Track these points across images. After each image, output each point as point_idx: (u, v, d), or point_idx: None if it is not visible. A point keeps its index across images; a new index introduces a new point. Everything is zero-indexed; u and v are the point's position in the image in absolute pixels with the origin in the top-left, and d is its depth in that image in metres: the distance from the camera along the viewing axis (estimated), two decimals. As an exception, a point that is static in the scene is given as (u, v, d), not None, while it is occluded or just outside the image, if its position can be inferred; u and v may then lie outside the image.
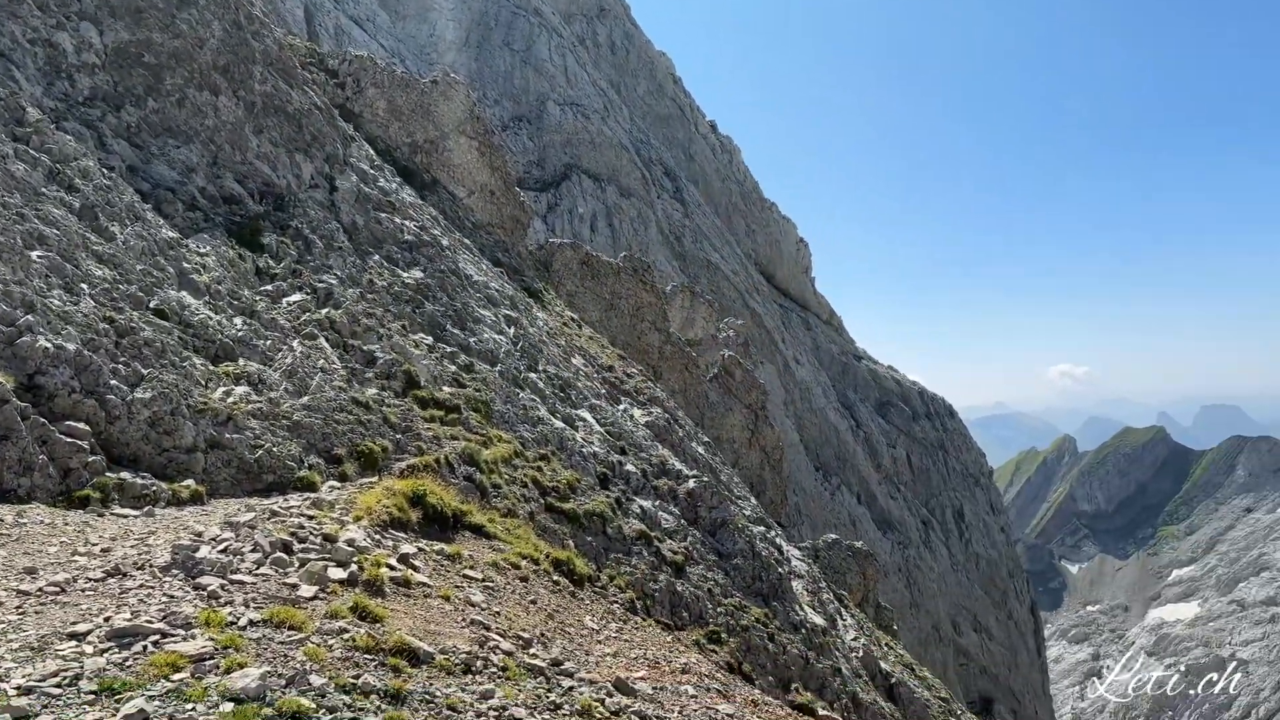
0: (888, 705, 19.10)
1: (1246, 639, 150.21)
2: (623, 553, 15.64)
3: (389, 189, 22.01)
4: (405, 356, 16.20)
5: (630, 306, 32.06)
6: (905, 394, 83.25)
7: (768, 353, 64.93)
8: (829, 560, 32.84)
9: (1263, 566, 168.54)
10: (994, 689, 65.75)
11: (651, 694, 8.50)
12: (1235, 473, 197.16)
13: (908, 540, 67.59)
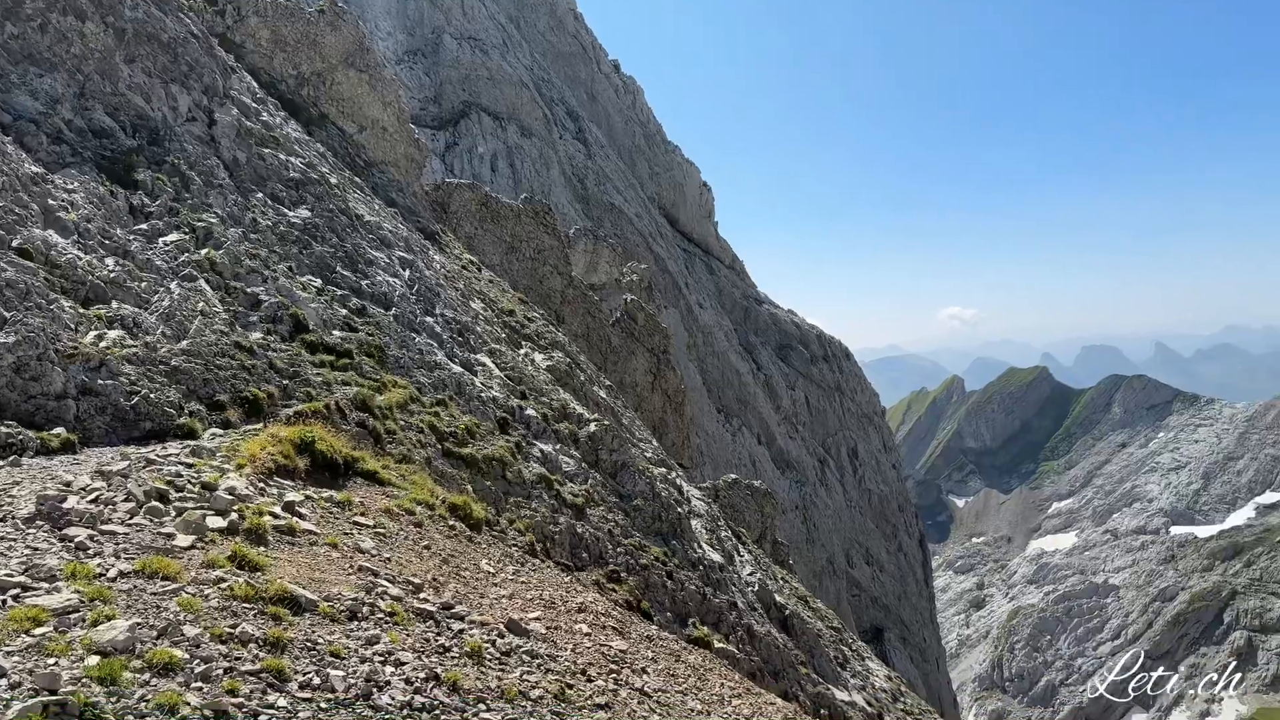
0: (781, 636, 19.72)
1: (1118, 566, 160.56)
2: (523, 496, 15.60)
3: (273, 123, 21.02)
4: (292, 299, 15.63)
5: (531, 250, 31.63)
6: (804, 337, 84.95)
7: (671, 297, 65.22)
8: (729, 499, 33.54)
9: (1134, 498, 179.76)
10: (885, 618, 68.79)
11: (545, 634, 8.54)
12: (1112, 410, 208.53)
13: (805, 479, 69.55)
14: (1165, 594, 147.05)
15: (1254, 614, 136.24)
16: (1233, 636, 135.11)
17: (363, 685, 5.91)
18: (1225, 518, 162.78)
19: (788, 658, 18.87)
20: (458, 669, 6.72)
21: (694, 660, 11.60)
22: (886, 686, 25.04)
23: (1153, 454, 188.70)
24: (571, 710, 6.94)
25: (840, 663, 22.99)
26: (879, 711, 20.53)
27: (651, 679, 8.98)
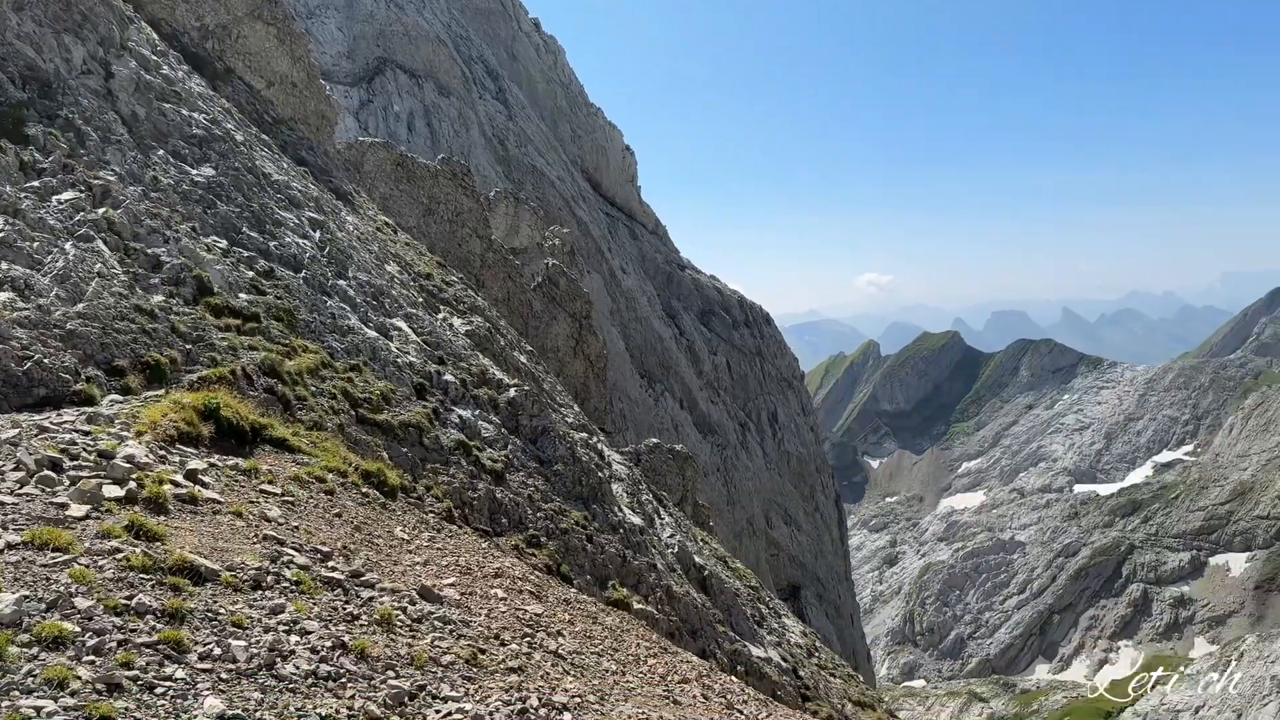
0: (700, 596, 20.03)
1: (1024, 523, 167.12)
2: (440, 463, 15.43)
3: (174, 77, 20.10)
4: (196, 261, 15.06)
5: (450, 212, 31.06)
6: (726, 303, 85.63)
7: (594, 262, 64.95)
8: (651, 463, 33.81)
9: (1040, 458, 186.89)
10: (802, 576, 70.48)
11: (459, 599, 8.49)
12: (1019, 373, 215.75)
13: (726, 442, 70.47)
14: (1068, 549, 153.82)
15: (1150, 567, 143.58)
16: (1130, 589, 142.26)
17: (266, 655, 5.80)
18: (1125, 476, 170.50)
19: (706, 617, 19.19)
20: (366, 637, 6.64)
21: (611, 622, 11.70)
22: (802, 642, 25.71)
23: (1058, 415, 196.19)
24: (483, 675, 6.94)
25: (757, 620, 23.49)
26: (794, 666, 21.07)
27: (567, 641, 9.03)
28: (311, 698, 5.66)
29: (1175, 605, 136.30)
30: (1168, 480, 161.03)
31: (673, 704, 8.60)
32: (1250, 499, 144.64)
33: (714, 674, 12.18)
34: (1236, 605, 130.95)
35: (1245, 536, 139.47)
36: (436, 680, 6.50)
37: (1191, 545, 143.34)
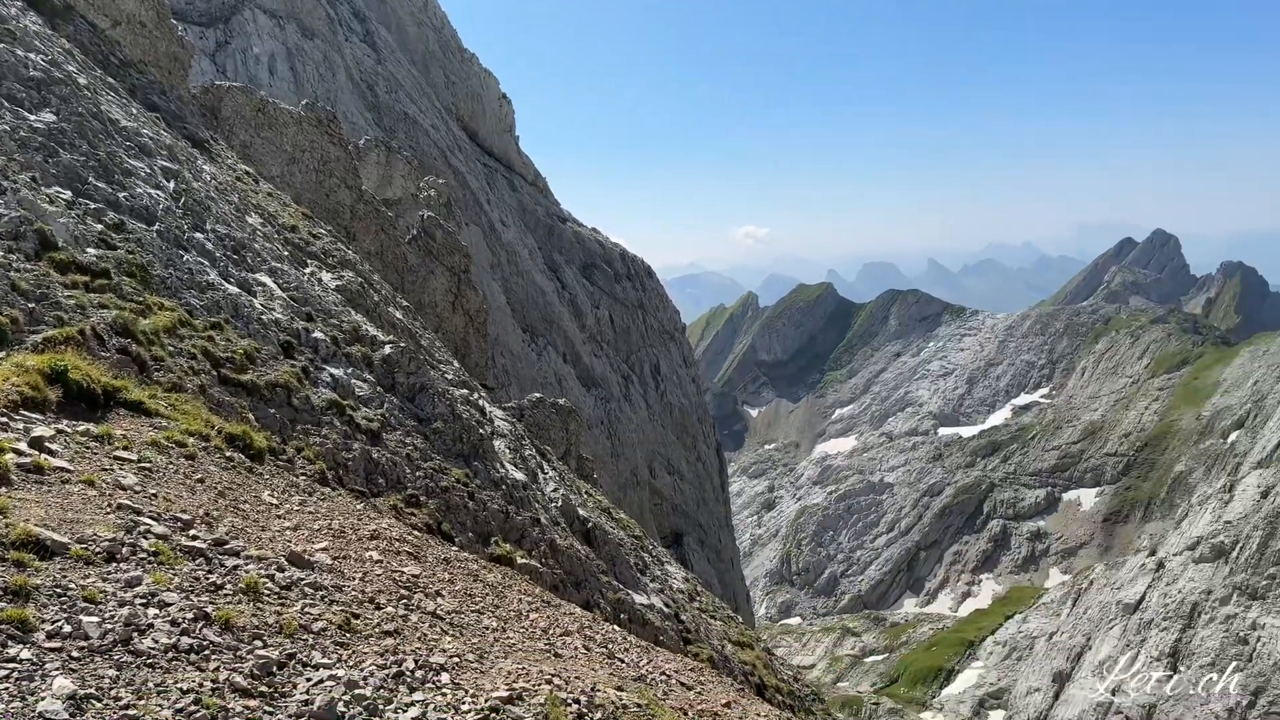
0: (584, 548, 20.18)
1: (893, 465, 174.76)
2: (312, 423, 14.94)
3: (7, 15, 18.47)
4: (37, 213, 13.99)
5: (316, 161, 29.77)
6: (608, 256, 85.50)
7: (472, 214, 63.66)
8: (534, 418, 33.66)
9: (907, 403, 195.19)
10: (685, 523, 72.02)
11: (332, 564, 8.28)
12: (888, 323, 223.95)
13: (610, 395, 70.85)
14: (933, 489, 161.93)
15: (1008, 504, 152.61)
16: (991, 525, 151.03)
17: (121, 630, 5.52)
18: (986, 419, 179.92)
19: (590, 568, 19.36)
20: (231, 607, 6.40)
21: (493, 578, 11.66)
22: (684, 588, 26.30)
23: (924, 362, 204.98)
24: (357, 640, 6.79)
25: (640, 569, 23.86)
26: (676, 612, 21.54)
27: (446, 601, 8.94)
28: (172, 672, 5.43)
29: (1032, 539, 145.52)
30: (1025, 422, 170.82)
31: (554, 657, 8.65)
32: (1100, 437, 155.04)
33: (597, 624, 12.32)
34: (1087, 537, 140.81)
35: (1095, 473, 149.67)
36: (307, 648, 6.33)
37: (1046, 482, 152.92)
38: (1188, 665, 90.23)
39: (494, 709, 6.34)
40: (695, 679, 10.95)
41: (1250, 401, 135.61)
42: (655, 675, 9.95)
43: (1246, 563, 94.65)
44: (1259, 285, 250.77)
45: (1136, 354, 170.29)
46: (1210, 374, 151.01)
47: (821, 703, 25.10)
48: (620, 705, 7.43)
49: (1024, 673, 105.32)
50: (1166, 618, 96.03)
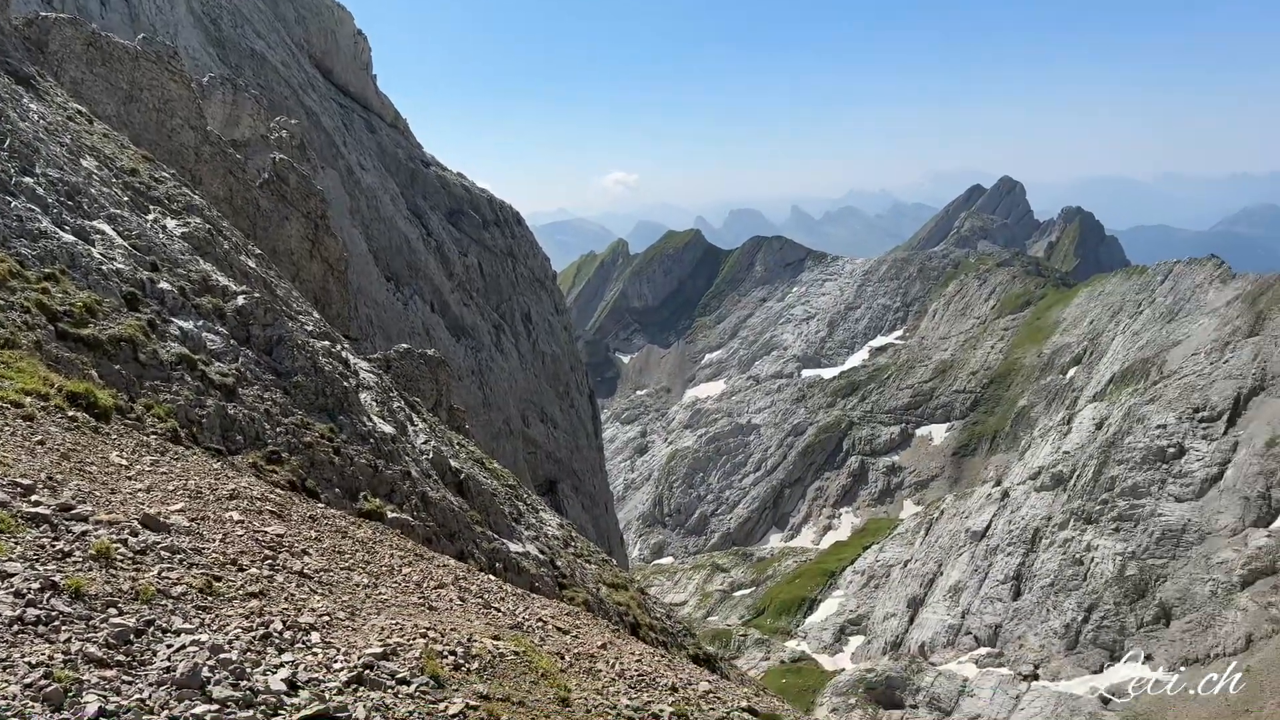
0: (457, 499, 20.01)
1: (760, 407, 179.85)
2: (161, 380, 14.15)
3: None
4: None
5: (156, 100, 27.81)
6: (475, 201, 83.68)
7: (328, 157, 61.03)
8: (401, 369, 32.90)
9: (773, 347, 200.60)
10: (559, 471, 72.35)
11: (189, 526, 7.92)
12: (754, 269, 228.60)
13: (480, 344, 69.94)
14: (797, 429, 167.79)
15: (866, 441, 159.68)
16: (850, 461, 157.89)
17: (-45, 607, 5.14)
18: (846, 360, 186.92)
19: (463, 519, 19.22)
20: (81, 575, 6.05)
21: (363, 534, 11.43)
22: (559, 534, 26.48)
23: (788, 307, 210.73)
24: (220, 603, 6.54)
25: (515, 518, 23.87)
26: (551, 558, 21.71)
27: (313, 559, 8.71)
28: (18, 645, 5.10)
29: (887, 473, 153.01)
30: (881, 362, 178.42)
31: (429, 610, 8.58)
32: (950, 376, 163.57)
33: (472, 575, 12.28)
34: (938, 470, 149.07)
35: (945, 409, 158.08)
36: (167, 613, 6.06)
37: (901, 419, 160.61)
38: (1030, 587, 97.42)
39: (368, 665, 6.24)
40: (571, 623, 11.09)
41: (1087, 339, 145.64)
42: (532, 622, 10.02)
43: (1082, 490, 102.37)
44: (1096, 229, 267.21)
45: (984, 296, 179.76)
46: (1051, 314, 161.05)
47: (693, 637, 25.90)
48: (497, 654, 7.45)
49: (881, 599, 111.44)
50: (1010, 543, 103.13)
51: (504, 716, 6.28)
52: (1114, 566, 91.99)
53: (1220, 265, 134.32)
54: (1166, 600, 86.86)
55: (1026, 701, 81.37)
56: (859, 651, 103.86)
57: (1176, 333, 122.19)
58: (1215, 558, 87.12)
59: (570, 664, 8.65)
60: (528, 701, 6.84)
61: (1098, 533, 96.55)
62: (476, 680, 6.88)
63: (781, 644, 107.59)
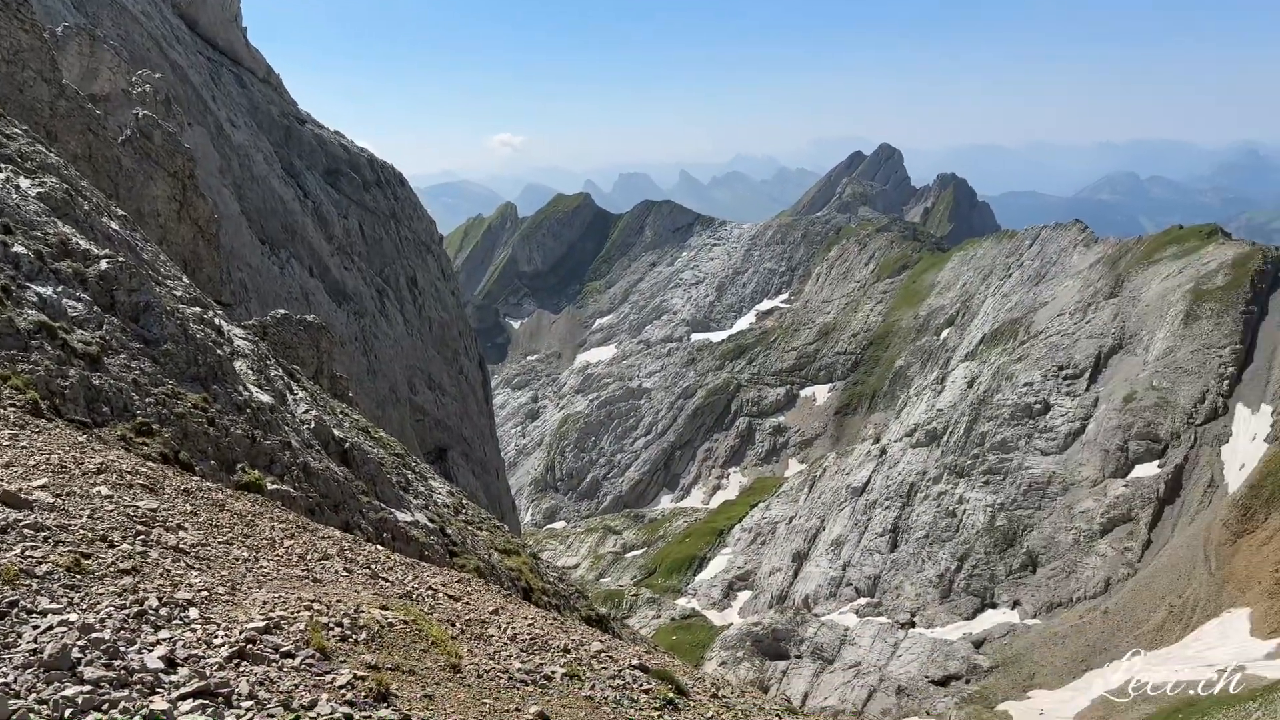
0: (342, 469, 19.57)
1: (650, 371, 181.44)
2: (18, 349, 13.33)
3: None
4: None
5: (5, 51, 25.86)
6: (354, 162, 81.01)
7: (196, 113, 58.03)
8: (279, 336, 31.81)
9: (663, 311, 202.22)
10: (448, 438, 71.50)
11: (54, 502, 7.53)
12: (644, 233, 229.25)
13: (364, 310, 68.16)
14: (687, 392, 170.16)
15: (753, 402, 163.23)
16: (738, 422, 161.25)
17: None
18: (733, 324, 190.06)
19: (349, 489, 18.83)
20: (-68, 558, 5.70)
21: (242, 507, 11.09)
22: (449, 501, 26.24)
23: (677, 271, 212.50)
24: (90, 581, 6.27)
25: (403, 487, 23.52)
26: (441, 526, 21.52)
27: (189, 534, 8.41)
28: None
29: (773, 434, 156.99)
30: (768, 326, 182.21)
31: (313, 582, 8.41)
32: (832, 338, 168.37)
33: (359, 545, 12.08)
34: (821, 429, 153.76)
35: (828, 370, 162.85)
36: (31, 594, 5.76)
37: (786, 381, 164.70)
38: (906, 539, 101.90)
39: (250, 640, 6.10)
40: (462, 590, 11.05)
41: (960, 302, 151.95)
42: (421, 590, 9.94)
43: (955, 445, 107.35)
44: (969, 195, 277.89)
45: (864, 260, 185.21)
46: (926, 277, 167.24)
47: (585, 599, 26.17)
48: (386, 623, 7.38)
49: (767, 555, 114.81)
50: (888, 497, 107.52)
51: (393, 686, 6.24)
52: (984, 518, 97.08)
53: (1084, 230, 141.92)
54: (1033, 548, 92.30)
55: (904, 648, 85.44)
56: (746, 606, 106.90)
57: (1043, 294, 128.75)
58: (1077, 507, 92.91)
59: (461, 630, 8.64)
60: (418, 670, 6.81)
61: (969, 486, 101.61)
62: (364, 650, 6.81)
63: (672, 602, 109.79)
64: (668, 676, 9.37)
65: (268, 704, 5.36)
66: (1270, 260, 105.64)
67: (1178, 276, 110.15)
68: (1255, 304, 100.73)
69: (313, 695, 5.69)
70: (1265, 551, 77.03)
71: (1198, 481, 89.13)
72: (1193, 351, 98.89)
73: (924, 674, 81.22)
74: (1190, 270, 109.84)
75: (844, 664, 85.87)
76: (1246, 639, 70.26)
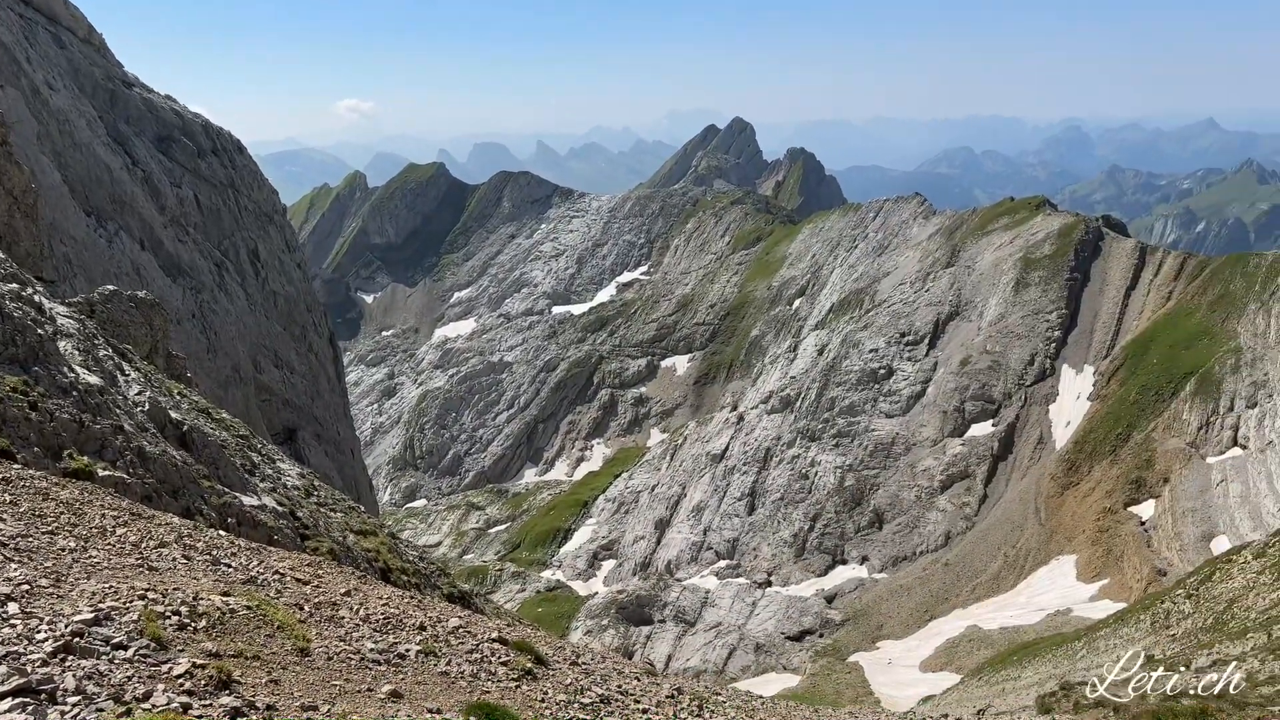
0: (180, 453, 18.62)
1: (511, 345, 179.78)
2: None
3: None
4: None
5: None
6: (188, 128, 76.27)
7: (8, 75, 53.34)
8: (108, 314, 29.85)
9: (523, 284, 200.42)
10: (298, 418, 68.92)
11: None
12: (502, 205, 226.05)
13: (201, 285, 64.64)
14: (549, 365, 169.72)
15: (615, 374, 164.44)
16: (600, 394, 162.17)
17: None
18: (594, 296, 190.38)
19: (188, 474, 17.94)
20: None
21: (69, 495, 10.43)
22: (300, 484, 25.37)
23: (537, 244, 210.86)
24: (-111, 583, 5.78)
25: (249, 469, 22.58)
26: (291, 509, 20.81)
27: (9, 525, 7.87)
28: None
29: (635, 404, 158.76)
30: (628, 298, 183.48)
31: (149, 571, 8.01)
32: (691, 309, 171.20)
33: (199, 532, 11.57)
34: (681, 399, 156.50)
35: (687, 341, 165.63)
36: None
37: (647, 352, 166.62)
38: (763, 502, 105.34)
39: (77, 633, 5.77)
40: (313, 573, 10.75)
41: (810, 273, 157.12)
42: (268, 575, 9.61)
43: (807, 410, 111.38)
44: (817, 169, 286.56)
45: (720, 232, 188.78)
46: (779, 249, 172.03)
47: (447, 576, 25.92)
48: (228, 609, 7.12)
49: (631, 524, 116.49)
50: (746, 463, 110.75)
51: (236, 672, 6.04)
52: (835, 479, 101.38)
53: (923, 203, 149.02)
54: (879, 506, 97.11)
55: (761, 607, 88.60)
56: (611, 575, 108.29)
57: (886, 265, 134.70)
58: (919, 466, 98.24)
59: (311, 614, 8.42)
60: (263, 655, 6.61)
61: (820, 449, 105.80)
62: (204, 638, 6.56)
63: (538, 575, 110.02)
64: (527, 647, 9.42)
65: (97, 698, 5.11)
66: (1091, 230, 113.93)
67: (1009, 246, 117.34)
68: (1078, 271, 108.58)
69: (148, 687, 5.45)
70: (1088, 502, 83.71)
71: (1028, 439, 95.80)
72: (1023, 317, 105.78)
73: (780, 630, 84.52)
74: (1020, 240, 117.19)
75: (705, 625, 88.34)
76: (1073, 583, 76.38)
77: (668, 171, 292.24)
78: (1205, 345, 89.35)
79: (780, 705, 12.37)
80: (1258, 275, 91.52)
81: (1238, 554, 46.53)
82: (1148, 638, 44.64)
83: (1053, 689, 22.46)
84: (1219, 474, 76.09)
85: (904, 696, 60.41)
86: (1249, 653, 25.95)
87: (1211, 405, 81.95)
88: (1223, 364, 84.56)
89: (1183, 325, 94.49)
